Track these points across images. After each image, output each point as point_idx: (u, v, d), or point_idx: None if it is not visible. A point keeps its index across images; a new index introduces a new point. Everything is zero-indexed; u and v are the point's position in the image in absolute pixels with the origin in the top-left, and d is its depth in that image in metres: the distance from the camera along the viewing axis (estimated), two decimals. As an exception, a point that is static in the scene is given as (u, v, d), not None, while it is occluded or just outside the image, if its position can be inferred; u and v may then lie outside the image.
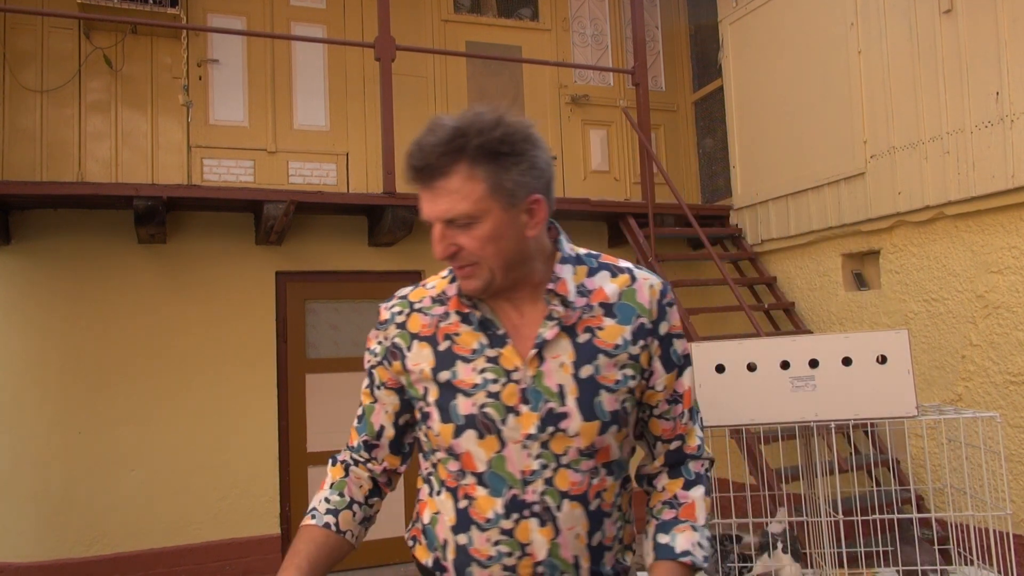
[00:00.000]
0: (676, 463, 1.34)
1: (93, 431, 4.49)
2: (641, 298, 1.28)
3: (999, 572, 1.97)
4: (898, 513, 2.07)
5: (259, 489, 4.76)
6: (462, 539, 1.22)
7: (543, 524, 1.19)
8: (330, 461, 1.40)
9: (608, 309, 1.26)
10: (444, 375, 1.24)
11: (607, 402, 1.23)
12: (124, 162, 4.95)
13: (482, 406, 1.21)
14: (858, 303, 4.62)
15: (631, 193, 6.13)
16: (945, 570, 2.04)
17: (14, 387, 4.40)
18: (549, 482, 1.20)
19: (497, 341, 1.24)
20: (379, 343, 1.33)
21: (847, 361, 1.95)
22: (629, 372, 1.25)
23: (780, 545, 2.07)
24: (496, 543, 1.19)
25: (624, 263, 1.33)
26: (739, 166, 5.57)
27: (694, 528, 1.28)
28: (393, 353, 1.30)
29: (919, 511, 2.88)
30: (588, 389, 1.22)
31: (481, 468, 1.22)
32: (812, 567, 2.11)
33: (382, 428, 1.35)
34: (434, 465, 1.29)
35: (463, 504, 1.23)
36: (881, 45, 4.37)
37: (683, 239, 5.80)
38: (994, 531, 1.89)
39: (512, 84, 5.99)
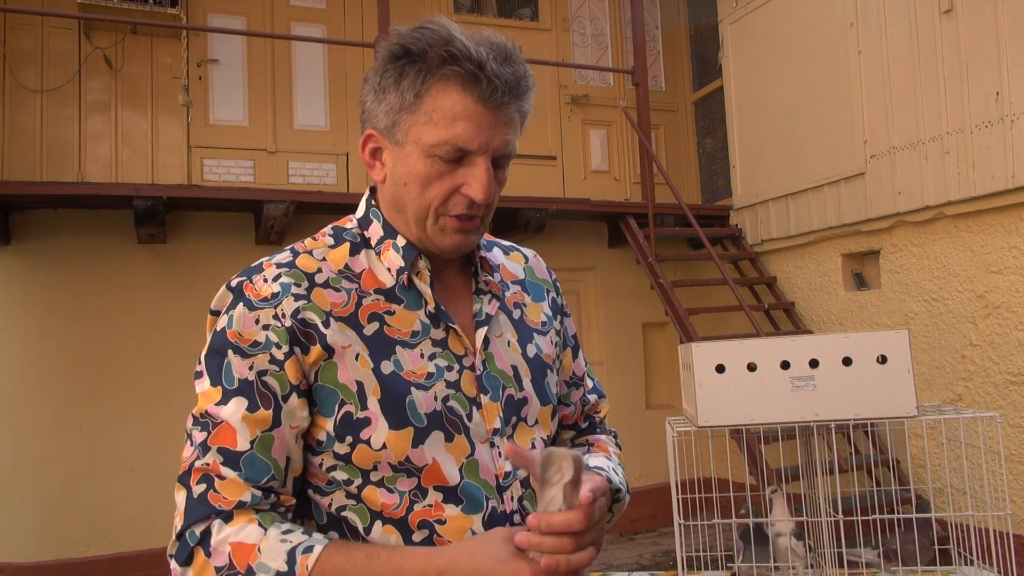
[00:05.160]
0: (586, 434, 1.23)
1: (93, 431, 4.48)
2: (541, 273, 1.16)
3: (999, 572, 1.97)
4: (899, 513, 2.08)
5: (259, 489, 4.76)
6: None
7: None
8: (214, 528, 0.91)
9: (522, 285, 1.11)
10: (386, 366, 0.93)
11: (553, 383, 1.08)
12: (124, 162, 4.95)
13: (445, 399, 0.95)
14: (858, 303, 4.61)
15: (631, 193, 6.13)
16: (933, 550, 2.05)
17: (14, 387, 4.40)
18: (525, 484, 0.98)
19: (438, 320, 0.98)
20: (271, 328, 0.91)
21: (847, 361, 1.95)
22: (558, 351, 1.12)
23: (778, 503, 2.08)
24: None
25: (503, 240, 1.18)
26: (739, 166, 5.57)
27: (607, 458, 1.12)
28: (306, 335, 0.91)
29: (919, 511, 2.88)
30: (538, 369, 1.05)
31: (454, 480, 0.93)
32: (812, 567, 2.11)
33: (288, 461, 0.93)
34: (354, 496, 0.93)
35: (422, 535, 0.92)
36: (881, 45, 4.37)
37: (683, 239, 5.80)
38: (994, 531, 1.89)
39: (512, 84, 5.99)
